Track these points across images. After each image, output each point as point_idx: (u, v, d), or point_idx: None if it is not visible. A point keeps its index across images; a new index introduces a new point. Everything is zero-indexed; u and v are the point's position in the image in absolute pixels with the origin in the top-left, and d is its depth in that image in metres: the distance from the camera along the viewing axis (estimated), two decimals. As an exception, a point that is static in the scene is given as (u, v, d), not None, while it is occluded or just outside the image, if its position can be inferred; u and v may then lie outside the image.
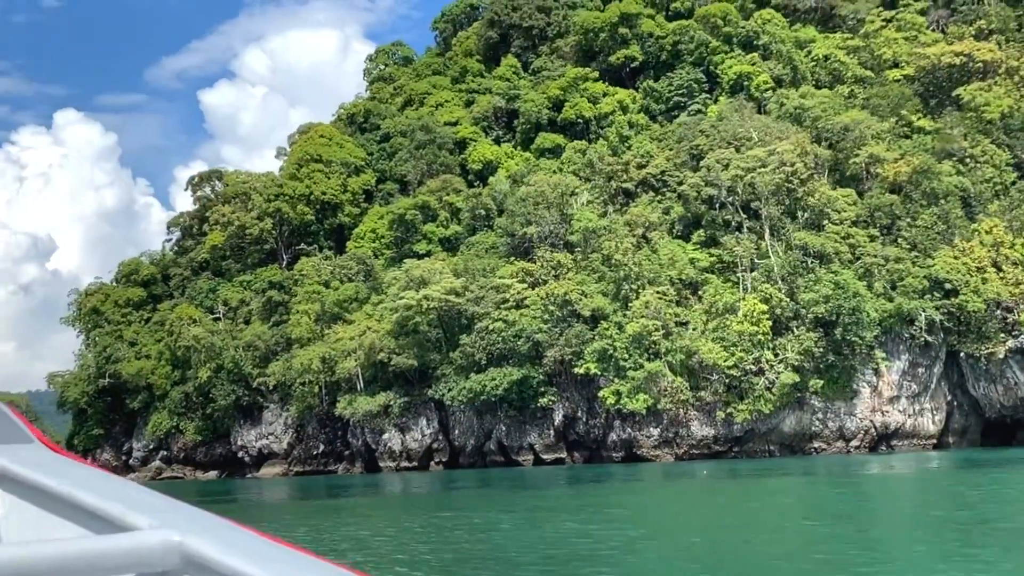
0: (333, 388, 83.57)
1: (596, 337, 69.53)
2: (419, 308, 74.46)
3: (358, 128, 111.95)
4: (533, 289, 73.56)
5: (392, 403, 76.89)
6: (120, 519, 2.07)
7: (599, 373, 68.89)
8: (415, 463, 77.41)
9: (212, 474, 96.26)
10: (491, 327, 71.92)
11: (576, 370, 69.61)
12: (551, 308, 71.15)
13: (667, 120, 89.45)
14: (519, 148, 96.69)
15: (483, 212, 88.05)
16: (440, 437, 78.18)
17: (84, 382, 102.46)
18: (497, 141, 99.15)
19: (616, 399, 67.74)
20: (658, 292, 69.00)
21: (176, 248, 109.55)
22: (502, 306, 72.91)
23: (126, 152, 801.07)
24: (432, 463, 78.15)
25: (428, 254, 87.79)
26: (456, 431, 77.63)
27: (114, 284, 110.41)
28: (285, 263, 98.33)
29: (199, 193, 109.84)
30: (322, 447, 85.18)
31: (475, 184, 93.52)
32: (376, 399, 77.34)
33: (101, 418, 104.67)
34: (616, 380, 68.12)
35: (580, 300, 70.85)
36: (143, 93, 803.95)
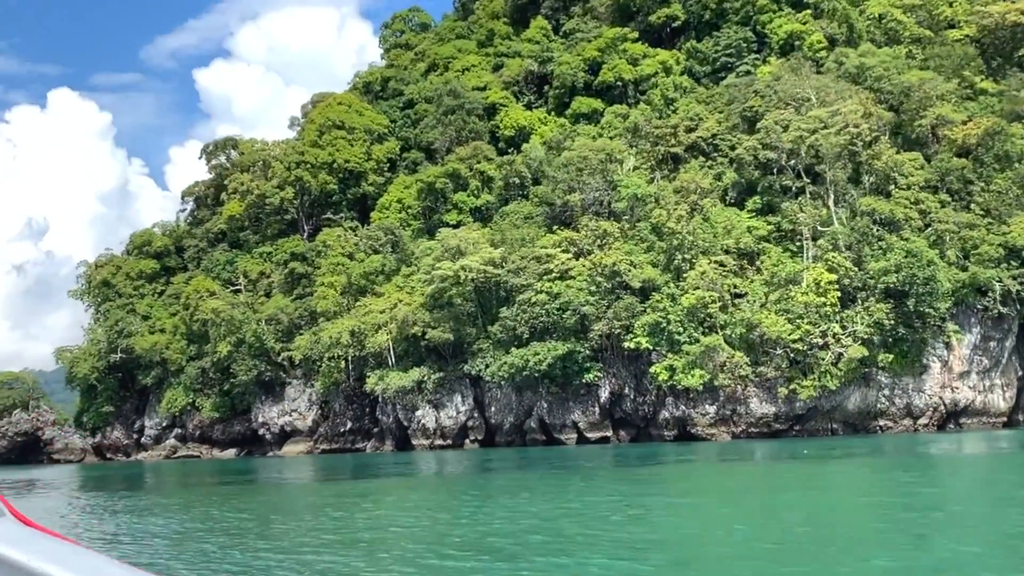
0: (360, 363, 79.45)
1: (648, 310, 65.26)
2: (456, 279, 70.12)
3: (375, 97, 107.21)
4: (577, 260, 69.18)
5: (426, 379, 72.69)
6: None
7: (651, 348, 64.70)
8: (449, 441, 73.31)
9: (230, 452, 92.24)
10: (534, 299, 67.63)
11: (625, 344, 65.40)
12: (598, 279, 66.85)
13: (712, 82, 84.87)
14: (553, 113, 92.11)
15: (517, 180, 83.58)
16: (475, 414, 74.06)
17: (94, 357, 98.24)
18: (528, 106, 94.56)
19: (669, 375, 63.56)
20: (715, 262, 64.67)
21: (190, 219, 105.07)
22: (544, 277, 68.56)
23: (121, 132, 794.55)
24: (467, 441, 74.05)
25: (458, 224, 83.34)
26: (492, 408, 73.48)
27: (125, 256, 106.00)
28: (306, 234, 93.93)
29: (214, 162, 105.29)
30: (349, 424, 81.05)
31: (506, 152, 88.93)
32: (409, 375, 73.13)
33: (111, 395, 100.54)
34: (669, 355, 63.95)
35: (629, 271, 66.55)
36: (138, 72, 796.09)
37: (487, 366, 71.08)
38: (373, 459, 65.66)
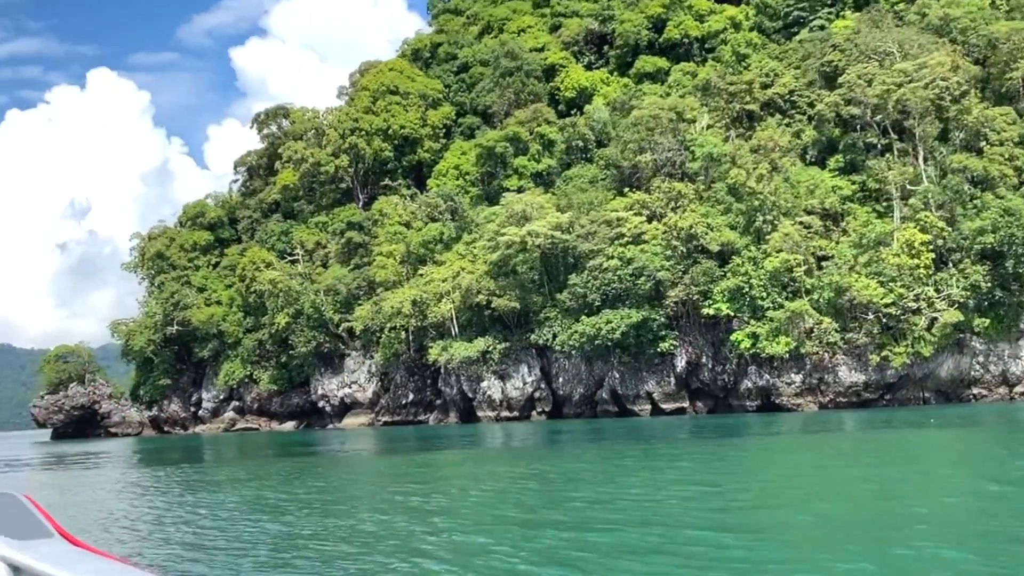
0: (420, 334, 77.51)
1: (728, 274, 62.40)
2: (522, 246, 67.66)
3: (424, 64, 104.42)
4: (650, 223, 66.36)
5: (491, 349, 70.50)
6: None
7: (731, 314, 61.91)
8: (516, 413, 71.17)
9: (289, 425, 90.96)
10: (605, 265, 65.00)
11: (704, 311, 62.66)
12: (674, 243, 64.04)
13: (784, 38, 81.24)
14: (615, 74, 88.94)
15: (580, 143, 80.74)
16: (542, 385, 71.83)
17: (150, 330, 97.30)
18: (589, 67, 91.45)
19: (752, 342, 60.79)
20: (800, 223, 61.58)
21: (243, 189, 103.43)
22: (616, 242, 65.86)
23: (159, 111, 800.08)
24: (534, 413, 71.90)
25: (520, 190, 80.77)
26: (560, 379, 71.20)
27: (178, 228, 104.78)
28: (361, 203, 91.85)
29: (265, 131, 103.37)
30: (411, 396, 79.18)
31: (567, 115, 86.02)
32: (474, 345, 70.98)
33: (168, 368, 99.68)
34: (752, 322, 61.11)
35: (706, 234, 63.66)
36: (175, 51, 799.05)
37: (554, 335, 68.78)
38: (438, 431, 63.64)
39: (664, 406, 65.52)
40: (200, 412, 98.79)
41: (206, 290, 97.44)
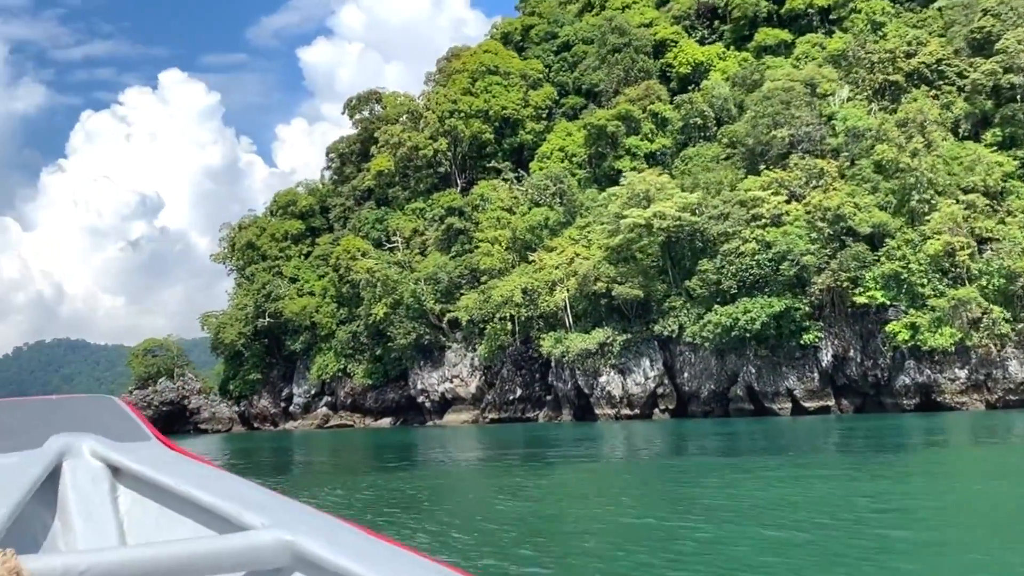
0: (526, 325, 72.96)
1: (882, 259, 56.51)
2: (647, 228, 62.51)
3: (515, 48, 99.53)
4: (788, 204, 60.72)
5: (611, 341, 65.50)
6: (235, 518, 2.14)
7: (887, 302, 56.00)
8: (636, 410, 66.12)
9: (385, 421, 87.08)
10: (742, 249, 59.55)
11: (855, 299, 56.84)
12: (819, 225, 58.30)
13: (919, 6, 74.72)
14: (731, 48, 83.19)
15: (699, 121, 75.24)
16: (665, 380, 66.63)
17: (240, 323, 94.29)
18: (701, 42, 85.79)
19: (911, 334, 54.86)
20: (962, 202, 55.45)
21: (335, 177, 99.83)
22: (753, 224, 60.36)
23: (229, 111, 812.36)
24: (656, 410, 66.76)
25: (632, 172, 75.75)
26: (686, 373, 65.96)
27: (268, 217, 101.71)
28: (459, 188, 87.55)
29: (357, 116, 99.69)
30: (519, 391, 74.55)
31: (680, 92, 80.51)
32: (592, 336, 66.09)
33: (258, 362, 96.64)
34: (911, 311, 55.15)
35: (855, 215, 57.80)
36: (244, 52, 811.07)
37: (681, 326, 63.60)
38: (551, 432, 58.67)
39: (806, 404, 59.87)
40: (291, 408, 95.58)
41: (298, 280, 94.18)
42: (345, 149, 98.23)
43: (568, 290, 67.43)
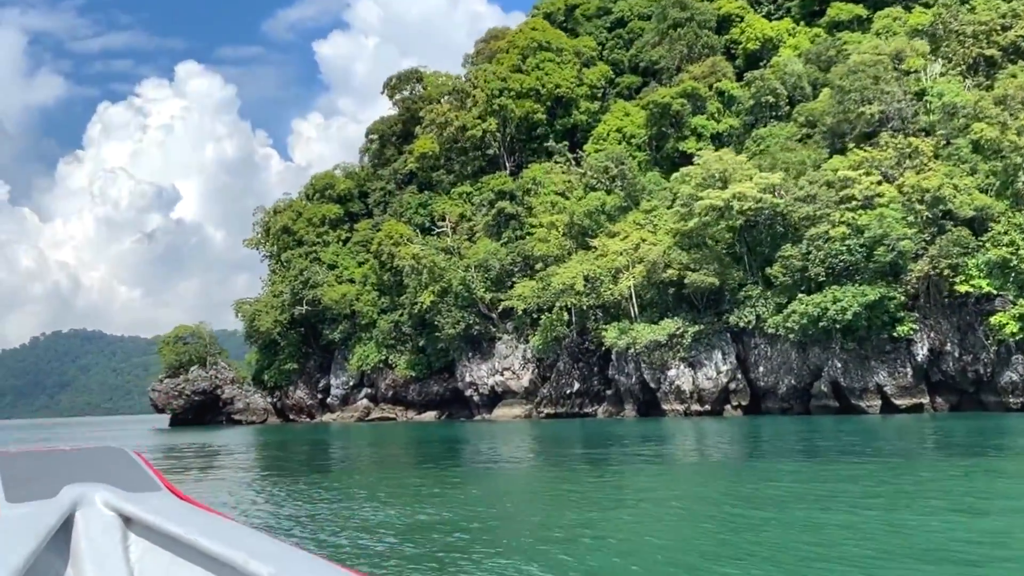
0: (582, 315, 68.77)
1: (987, 245, 51.93)
2: (725, 211, 58.09)
3: (559, 27, 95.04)
4: (881, 185, 56.14)
5: (683, 332, 61.13)
6: (243, 567, 2.20)
7: (993, 292, 51.43)
8: (707, 406, 61.79)
9: (428, 415, 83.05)
10: (831, 233, 55.04)
11: (957, 287, 52.28)
12: (917, 208, 53.73)
13: (1009, -23, 69.82)
14: (801, 24, 78.53)
15: (770, 99, 70.69)
16: (738, 375, 62.25)
17: (276, 310, 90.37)
18: (767, 17, 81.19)
19: (1020, 326, 50.25)
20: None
21: (374, 160, 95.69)
22: (842, 206, 55.83)
23: (245, 104, 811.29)
24: (728, 407, 62.42)
25: (699, 154, 71.40)
26: (761, 368, 61.54)
27: (305, 201, 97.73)
28: (508, 171, 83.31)
29: (398, 96, 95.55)
30: (576, 385, 70.30)
31: (750, 69, 75.93)
32: (662, 327, 61.74)
33: (294, 351, 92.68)
34: (1020, 301, 50.58)
35: (955, 197, 53.21)
36: (260, 45, 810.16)
37: (758, 317, 59.19)
38: (613, 428, 54.23)
39: (898, 402, 55.35)
40: (328, 400, 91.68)
41: (337, 267, 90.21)
42: (386, 130, 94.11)
43: (634, 278, 63.10)
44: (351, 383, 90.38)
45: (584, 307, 66.19)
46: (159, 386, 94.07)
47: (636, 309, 64.46)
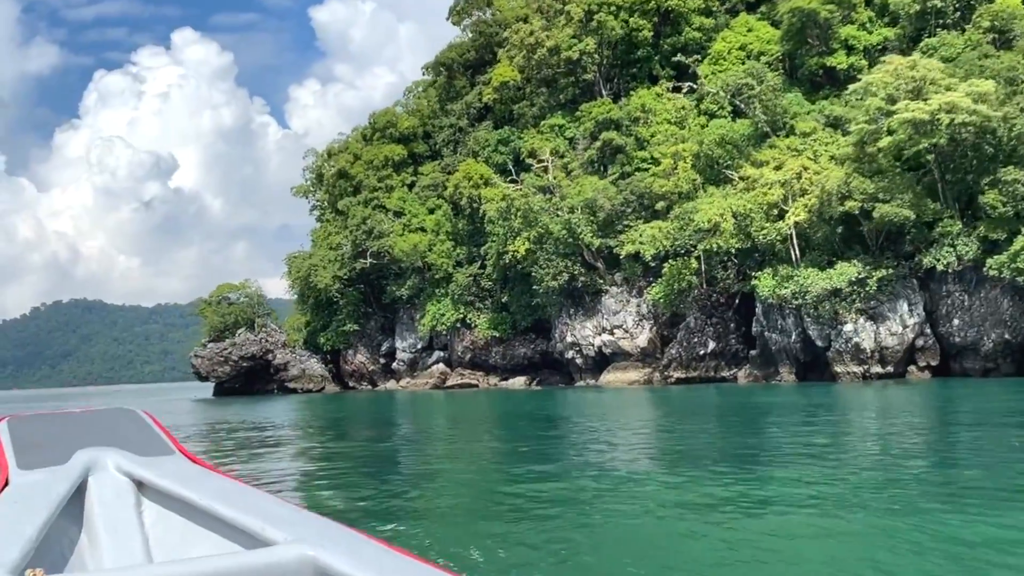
0: (711, 262, 58.28)
1: None
2: (929, 127, 47.08)
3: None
4: None
5: (866, 277, 50.39)
6: (258, 533, 2.19)
7: None
8: (889, 368, 51.25)
9: (516, 381, 72.46)
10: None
11: None
12: None
13: None
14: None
15: (936, 4, 59.40)
16: (926, 330, 51.64)
17: (335, 264, 79.49)
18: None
19: None
20: None
21: (442, 94, 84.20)
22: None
23: (242, 71, 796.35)
24: (912, 368, 51.91)
25: (850, 72, 60.52)
26: (955, 320, 50.87)
27: (362, 143, 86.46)
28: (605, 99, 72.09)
29: (467, 21, 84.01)
30: (712, 345, 59.62)
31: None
32: (838, 272, 51.00)
33: (353, 311, 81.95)
34: None
35: None
36: (256, 12, 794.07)
37: (959, 257, 48.50)
38: (778, 395, 43.52)
39: None
40: (394, 364, 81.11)
41: (404, 214, 79.16)
42: (455, 59, 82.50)
43: (797, 214, 52.23)
44: (419, 346, 79.88)
45: (731, 250, 55.44)
46: (202, 351, 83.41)
47: (797, 251, 53.68)
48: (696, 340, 59.90)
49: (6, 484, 2.52)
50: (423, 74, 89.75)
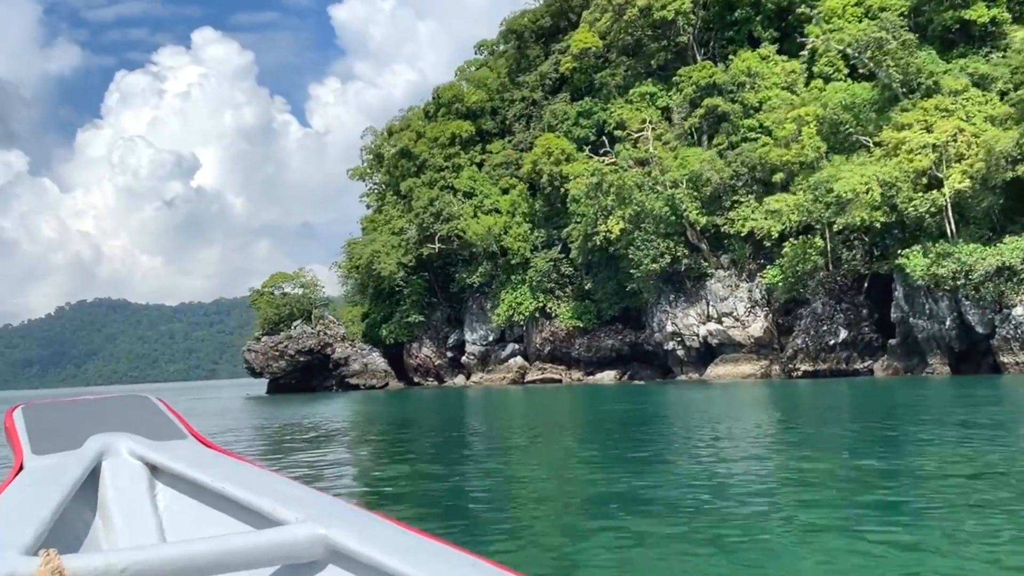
0: (838, 240, 51.79)
1: None
2: None
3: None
4: None
5: (1044, 252, 43.62)
6: (270, 513, 2.20)
7: None
8: (1057, 358, 44.47)
9: (605, 376, 65.99)
10: None
11: None
12: None
13: None
14: None
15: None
16: (1105, 313, 44.82)
17: (399, 250, 73.25)
18: None
19: None
20: None
21: (512, 65, 77.61)
22: None
23: (263, 70, 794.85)
24: (1087, 358, 45.10)
25: (989, 27, 53.72)
26: None
27: (425, 121, 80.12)
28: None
29: (540, -16, 77.48)
30: (843, 334, 52.85)
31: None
32: (1009, 248, 44.28)
33: (417, 300, 75.69)
34: None
35: None
36: (276, 11, 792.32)
37: None
38: (928, 389, 37.01)
39: None
40: (463, 358, 74.75)
41: (475, 195, 72.79)
42: (527, 26, 75.88)
43: (961, 179, 45.47)
44: (491, 338, 73.51)
45: (871, 226, 48.75)
46: (255, 346, 77.31)
47: (952, 225, 46.93)
48: (825, 328, 53.15)
49: (21, 468, 2.52)
50: (474, 52, 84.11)
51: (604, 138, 66.36)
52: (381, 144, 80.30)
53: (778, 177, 54.45)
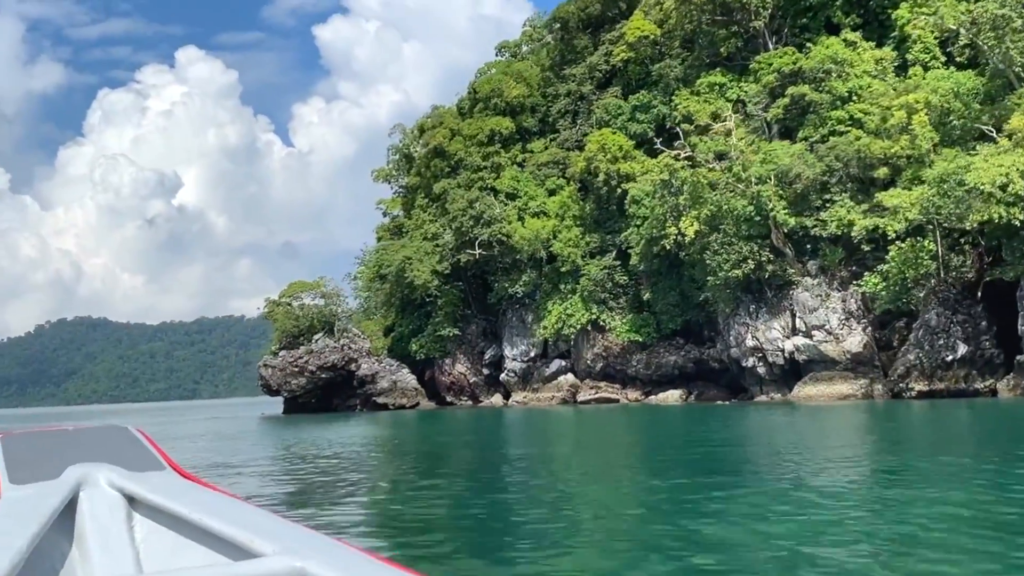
0: (954, 244, 45.84)
1: None
2: None
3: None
4: None
5: None
6: (247, 545, 2.17)
7: None
8: None
9: (672, 395, 59.46)
10: None
11: None
12: None
13: None
14: None
15: None
16: None
17: (433, 257, 66.68)
18: None
19: None
20: None
21: (557, 56, 71.35)
22: None
23: (246, 90, 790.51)
24: None
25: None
26: None
27: (459, 118, 73.76)
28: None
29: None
30: (962, 349, 46.55)
31: None
32: None
33: (451, 312, 69.08)
34: None
35: None
36: (260, 31, 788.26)
37: None
38: None
39: None
40: (502, 375, 68.09)
41: (518, 197, 66.36)
42: (576, 13, 69.67)
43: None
44: (532, 353, 66.93)
45: (1015, 223, 42.65)
46: (272, 361, 70.30)
47: (1103, 223, 40.90)
48: (940, 343, 46.84)
49: None
50: (495, 55, 77.87)
51: (665, 134, 60.20)
52: (410, 143, 73.75)
53: (881, 172, 48.36)
